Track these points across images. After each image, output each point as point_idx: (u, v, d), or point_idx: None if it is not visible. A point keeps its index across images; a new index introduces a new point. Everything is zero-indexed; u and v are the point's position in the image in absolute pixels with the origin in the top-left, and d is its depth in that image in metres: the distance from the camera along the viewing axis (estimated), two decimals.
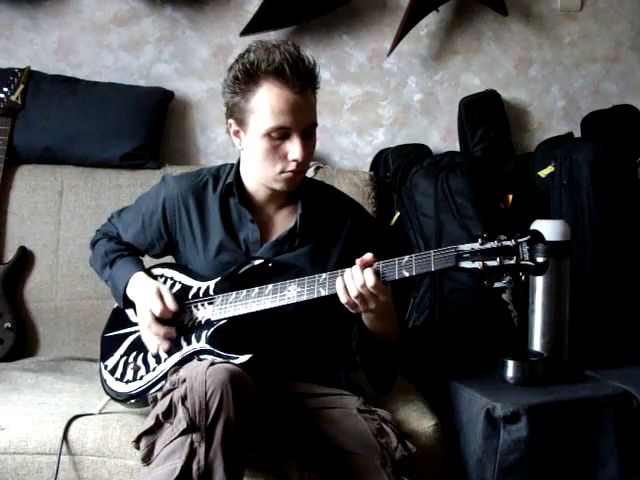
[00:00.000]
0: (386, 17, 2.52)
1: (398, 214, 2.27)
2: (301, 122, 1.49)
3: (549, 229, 1.90)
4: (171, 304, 1.54)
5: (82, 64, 2.41)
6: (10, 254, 2.13)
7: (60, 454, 1.48)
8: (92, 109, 2.25)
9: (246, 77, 1.48)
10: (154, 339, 1.53)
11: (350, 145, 2.55)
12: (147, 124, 2.30)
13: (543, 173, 2.28)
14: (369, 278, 1.37)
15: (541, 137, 2.59)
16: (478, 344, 2.00)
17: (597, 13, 2.65)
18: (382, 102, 2.56)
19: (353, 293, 1.38)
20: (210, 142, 2.49)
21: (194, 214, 1.63)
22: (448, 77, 2.59)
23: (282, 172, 1.52)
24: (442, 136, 2.59)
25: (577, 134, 2.55)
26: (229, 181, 1.62)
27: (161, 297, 1.54)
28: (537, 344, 1.91)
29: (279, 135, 1.48)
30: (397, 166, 2.31)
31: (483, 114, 2.50)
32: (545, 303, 1.90)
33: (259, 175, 1.56)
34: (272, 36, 2.44)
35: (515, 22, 2.60)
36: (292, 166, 1.51)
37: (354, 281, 1.38)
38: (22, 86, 2.23)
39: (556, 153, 2.25)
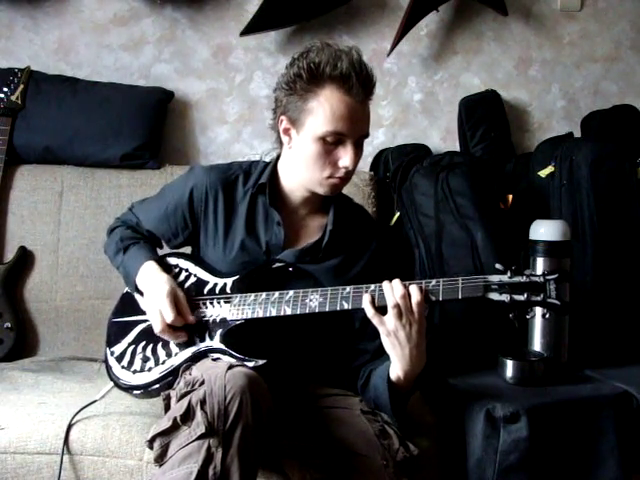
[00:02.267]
0: (386, 17, 2.52)
1: (398, 214, 2.27)
2: (357, 131, 1.49)
3: (549, 229, 1.90)
4: (187, 313, 1.52)
5: (82, 64, 2.41)
6: (10, 254, 2.13)
7: (62, 453, 1.48)
8: (92, 109, 2.25)
9: (310, 77, 1.46)
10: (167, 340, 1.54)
11: None
12: (147, 124, 2.30)
13: (543, 173, 2.28)
14: (415, 292, 1.36)
15: (541, 137, 2.58)
16: (478, 344, 2.00)
17: (597, 13, 2.65)
18: (382, 102, 2.56)
19: (391, 303, 1.36)
20: (210, 142, 2.49)
21: (221, 207, 1.61)
22: (448, 77, 2.59)
23: (329, 177, 1.51)
24: (442, 136, 2.59)
25: (577, 134, 2.55)
26: (262, 181, 1.60)
27: (174, 303, 1.51)
28: (537, 344, 1.91)
29: (333, 140, 1.47)
30: (397, 166, 2.31)
31: (483, 114, 2.49)
32: None
33: (304, 177, 1.54)
34: (272, 36, 2.45)
35: (515, 22, 2.60)
36: (341, 173, 1.50)
37: (393, 292, 1.37)
38: (22, 86, 2.23)
39: (556, 153, 2.24)
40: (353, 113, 1.47)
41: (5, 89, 2.21)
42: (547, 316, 1.35)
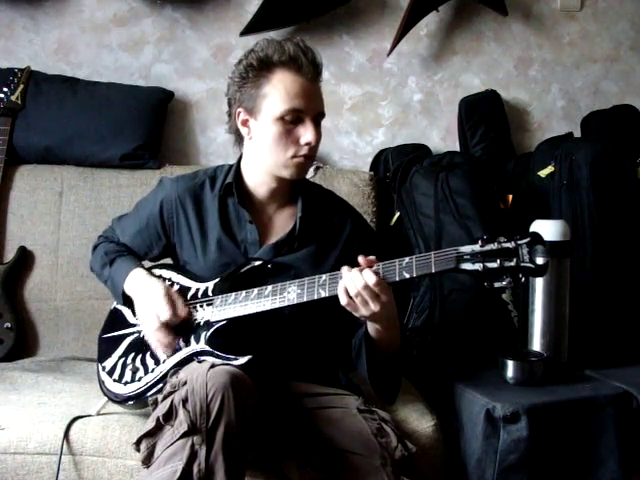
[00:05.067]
0: (386, 17, 2.52)
1: (398, 214, 2.27)
2: (314, 107, 1.52)
3: (549, 229, 1.90)
4: (182, 310, 1.54)
5: (82, 64, 2.41)
6: (10, 254, 2.13)
7: (61, 454, 1.48)
8: (92, 109, 2.25)
9: (261, 64, 1.51)
10: (156, 343, 1.53)
11: (350, 145, 2.55)
12: (147, 124, 2.30)
13: (543, 173, 2.28)
14: (369, 277, 1.37)
15: (541, 137, 2.59)
16: (478, 344, 2.00)
17: (597, 13, 2.65)
18: (382, 102, 2.56)
19: (353, 293, 1.38)
20: (210, 142, 2.49)
21: (192, 215, 1.63)
22: (448, 77, 2.59)
23: (294, 157, 1.53)
24: (442, 136, 2.59)
25: (577, 134, 2.55)
26: (228, 181, 1.62)
27: (171, 302, 1.53)
28: (537, 344, 1.91)
29: (292, 118, 1.50)
30: (397, 166, 2.31)
31: (483, 114, 2.50)
32: (545, 303, 1.90)
33: (268, 163, 1.56)
34: (272, 36, 2.44)
35: (515, 22, 2.60)
36: (304, 150, 1.52)
37: (354, 282, 1.38)
38: (22, 86, 2.23)
39: (556, 153, 2.25)
40: (307, 90, 1.51)
41: (5, 89, 2.21)
42: (523, 280, 1.33)
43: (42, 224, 2.17)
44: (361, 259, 1.41)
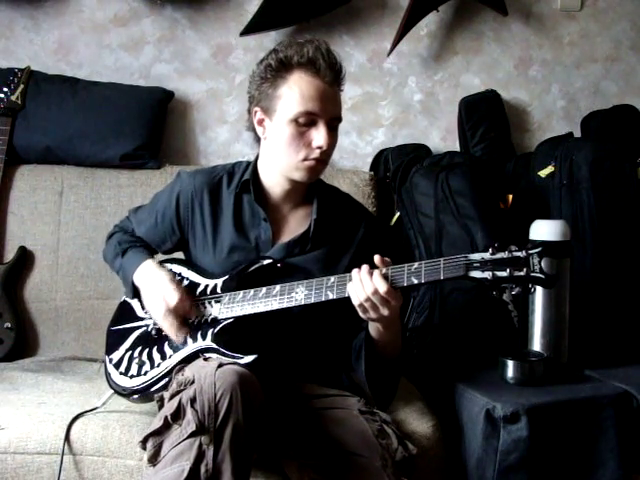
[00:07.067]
0: (386, 17, 2.52)
1: (398, 214, 2.27)
2: (328, 111, 1.51)
3: (549, 229, 1.90)
4: (187, 298, 1.55)
5: (82, 64, 2.41)
6: (10, 254, 2.13)
7: (63, 454, 1.48)
8: (92, 109, 2.25)
9: (279, 66, 1.51)
10: (170, 328, 1.53)
11: (350, 145, 2.55)
12: (147, 124, 2.30)
13: (543, 173, 2.28)
14: (380, 284, 1.37)
15: (541, 137, 2.58)
16: (478, 344, 2.00)
17: (597, 13, 2.65)
18: (382, 102, 2.56)
19: (363, 298, 1.38)
20: (210, 142, 2.49)
21: (207, 210, 1.63)
22: (448, 77, 2.59)
23: (305, 160, 1.52)
24: (442, 136, 2.59)
25: (577, 134, 2.55)
26: (245, 178, 1.62)
27: (178, 287, 1.55)
28: (537, 344, 1.91)
29: (306, 121, 1.50)
30: (397, 166, 2.31)
31: (483, 114, 2.50)
32: (545, 303, 1.90)
33: (281, 164, 1.56)
34: (272, 36, 2.45)
35: (515, 22, 2.60)
36: (316, 154, 1.52)
37: (364, 287, 1.38)
38: (22, 86, 2.23)
39: (556, 153, 2.24)
40: (323, 93, 1.50)
41: (5, 89, 2.21)
42: (533, 290, 1.33)
43: (42, 224, 2.17)
44: (377, 258, 1.41)
